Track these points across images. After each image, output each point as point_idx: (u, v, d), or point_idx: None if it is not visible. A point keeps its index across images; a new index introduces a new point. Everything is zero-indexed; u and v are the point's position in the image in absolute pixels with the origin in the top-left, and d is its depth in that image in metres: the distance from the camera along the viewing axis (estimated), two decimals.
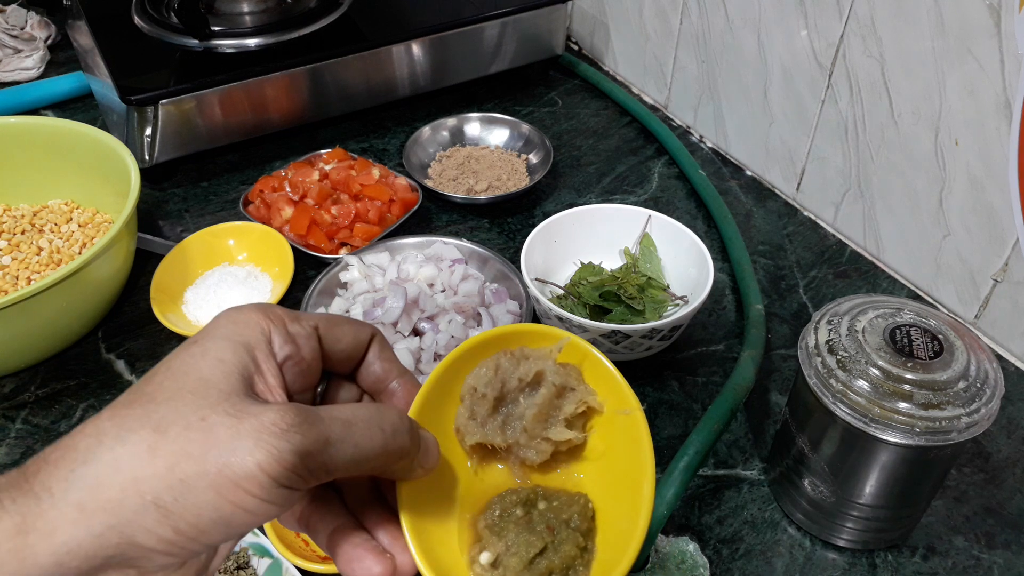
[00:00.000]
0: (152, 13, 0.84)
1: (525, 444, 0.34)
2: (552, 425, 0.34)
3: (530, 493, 0.34)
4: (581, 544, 0.32)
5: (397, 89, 0.88)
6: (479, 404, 0.34)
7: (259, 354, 0.28)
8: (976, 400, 0.43)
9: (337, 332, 0.32)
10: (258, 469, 0.24)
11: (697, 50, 0.87)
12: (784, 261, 0.75)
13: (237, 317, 0.29)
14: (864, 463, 0.46)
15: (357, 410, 0.28)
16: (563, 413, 0.34)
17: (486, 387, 0.34)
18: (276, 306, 0.31)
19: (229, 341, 0.28)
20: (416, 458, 0.30)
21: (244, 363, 0.27)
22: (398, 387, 0.34)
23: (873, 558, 0.51)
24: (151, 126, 0.76)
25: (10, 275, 0.66)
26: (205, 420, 0.25)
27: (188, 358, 0.27)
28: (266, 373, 0.28)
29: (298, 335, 0.30)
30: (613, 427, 0.34)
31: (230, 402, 0.25)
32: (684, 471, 0.49)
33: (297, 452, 0.25)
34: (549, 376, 0.34)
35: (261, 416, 0.25)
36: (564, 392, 0.34)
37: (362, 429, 0.27)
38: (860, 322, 0.46)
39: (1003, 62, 0.57)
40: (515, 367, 0.34)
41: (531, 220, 0.78)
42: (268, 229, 0.71)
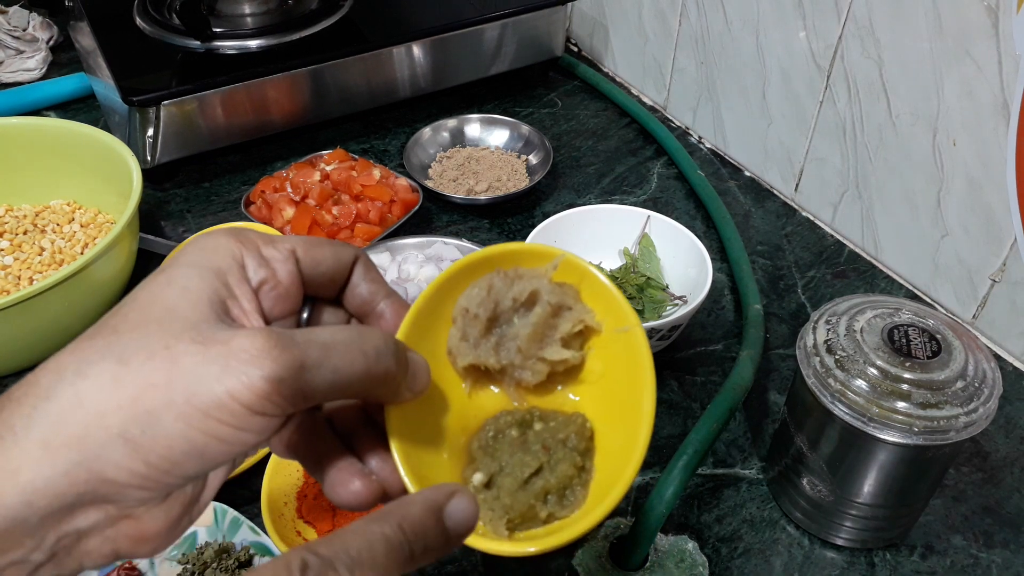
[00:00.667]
0: (154, 14, 0.85)
1: (520, 365, 0.33)
2: (548, 345, 0.33)
3: (526, 414, 0.33)
4: (579, 464, 0.31)
5: (398, 90, 0.88)
6: (471, 325, 0.33)
7: (231, 279, 0.27)
8: (974, 400, 0.43)
9: (316, 254, 0.30)
10: (228, 397, 0.23)
11: (696, 51, 0.88)
12: (782, 261, 0.75)
13: (206, 243, 0.28)
14: (862, 462, 0.46)
15: (337, 332, 0.26)
16: (559, 332, 0.33)
17: (478, 307, 0.32)
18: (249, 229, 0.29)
19: (197, 268, 0.26)
20: (403, 381, 0.28)
21: (214, 289, 0.26)
22: (386, 308, 0.32)
23: (871, 557, 0.52)
24: (153, 127, 0.76)
25: (12, 275, 0.66)
26: (169, 348, 0.24)
27: (154, 287, 0.26)
28: (240, 298, 0.27)
29: (273, 258, 0.29)
30: (612, 346, 0.33)
31: (197, 330, 0.24)
32: (683, 470, 0.49)
33: (269, 378, 0.23)
34: (544, 295, 0.33)
35: (229, 342, 0.24)
36: (560, 311, 0.33)
37: (342, 352, 0.25)
38: (858, 322, 0.46)
39: (1001, 63, 0.58)
40: (509, 287, 0.33)
41: (531, 220, 0.78)
42: (269, 229, 0.71)
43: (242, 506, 0.52)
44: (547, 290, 0.33)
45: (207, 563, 0.48)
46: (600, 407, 0.34)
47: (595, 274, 0.33)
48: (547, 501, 0.31)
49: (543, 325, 0.33)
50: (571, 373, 0.34)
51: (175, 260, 0.27)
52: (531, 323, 0.33)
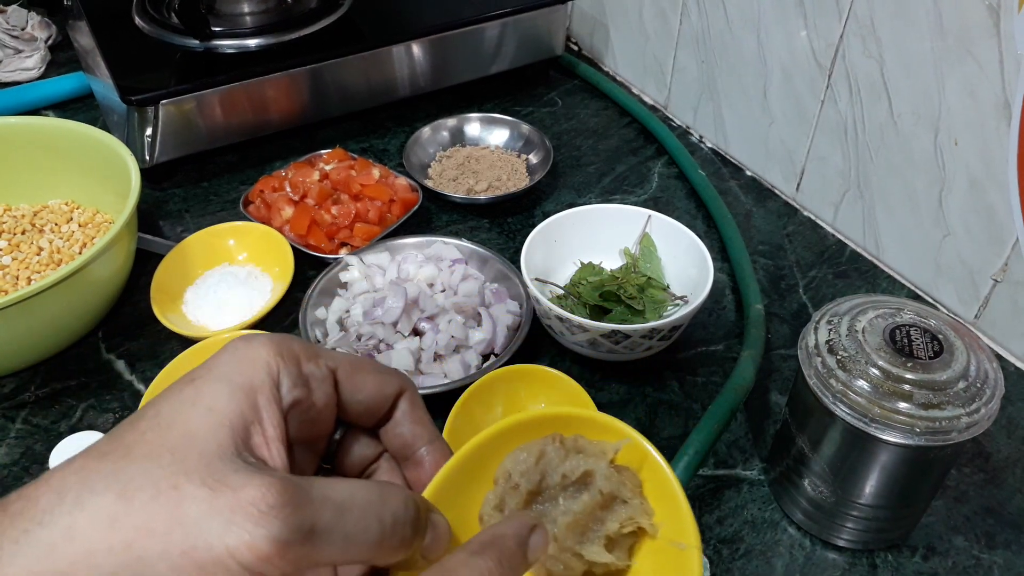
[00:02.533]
0: (153, 13, 0.84)
1: (553, 555, 0.29)
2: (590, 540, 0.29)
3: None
4: None
5: (397, 89, 0.88)
6: (511, 495, 0.29)
7: (261, 399, 0.25)
8: (976, 400, 0.43)
9: (359, 380, 0.28)
10: (227, 554, 0.22)
11: (697, 50, 0.87)
12: (784, 261, 0.75)
13: (244, 353, 0.26)
14: (864, 463, 0.46)
15: (356, 491, 0.24)
16: (606, 529, 0.29)
17: (522, 476, 0.29)
18: (294, 338, 0.27)
19: (227, 383, 0.25)
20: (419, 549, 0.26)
21: (239, 412, 0.24)
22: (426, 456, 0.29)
23: (873, 558, 0.51)
24: (151, 126, 0.76)
25: (10, 275, 0.66)
26: (177, 489, 0.22)
27: (178, 404, 0.24)
28: (266, 423, 0.25)
29: (312, 376, 0.27)
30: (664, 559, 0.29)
31: (210, 468, 0.23)
32: (684, 471, 0.49)
33: (275, 540, 0.22)
34: (599, 479, 0.28)
35: (240, 491, 0.22)
36: (613, 503, 0.29)
37: (357, 517, 0.24)
38: (860, 322, 0.46)
39: (1002, 62, 0.57)
40: (562, 460, 0.29)
41: (531, 220, 0.78)
42: (268, 229, 0.71)
43: None
44: (603, 474, 0.29)
45: None
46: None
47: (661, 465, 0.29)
48: None
49: (589, 515, 0.29)
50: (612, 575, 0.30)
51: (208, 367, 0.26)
52: (575, 510, 0.29)
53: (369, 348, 0.61)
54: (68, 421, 0.59)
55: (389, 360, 0.60)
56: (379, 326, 0.61)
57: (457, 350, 0.61)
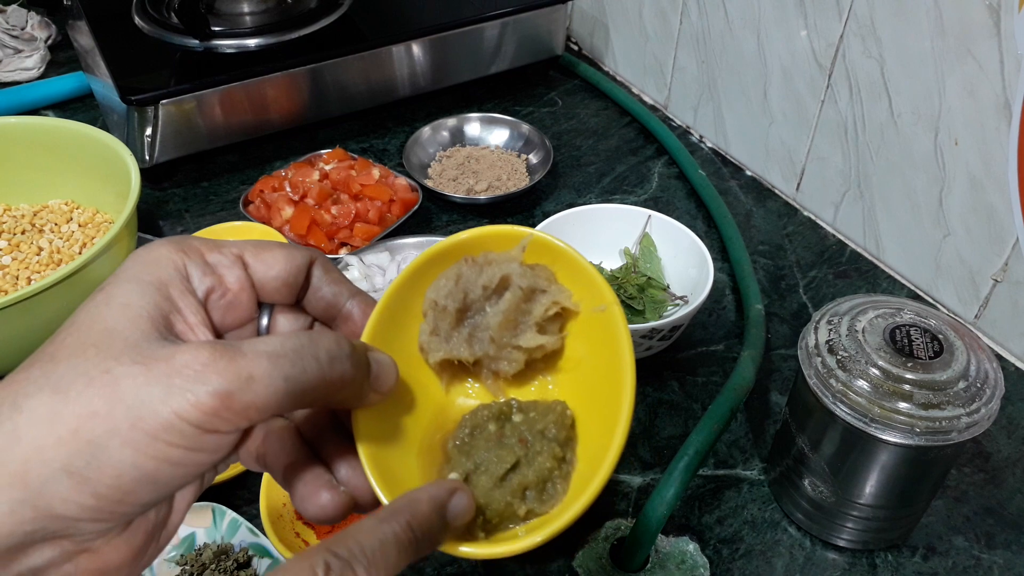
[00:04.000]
0: (152, 13, 0.84)
1: (495, 355, 0.31)
2: (523, 331, 0.31)
3: (503, 407, 0.31)
4: (559, 455, 0.30)
5: (397, 89, 0.88)
6: (441, 318, 0.31)
7: (174, 291, 0.26)
8: (976, 400, 0.43)
9: (267, 257, 0.28)
10: (175, 417, 0.22)
11: (697, 50, 0.87)
12: (784, 261, 0.75)
13: (146, 256, 0.26)
14: (864, 463, 0.46)
15: (286, 341, 0.24)
16: (533, 317, 0.31)
17: (447, 299, 0.31)
18: (193, 237, 0.28)
19: (136, 283, 0.25)
20: (366, 383, 0.27)
21: (155, 303, 0.25)
22: (353, 308, 0.30)
23: (873, 558, 0.51)
24: (151, 126, 0.76)
25: (10, 275, 0.66)
26: (109, 372, 0.22)
27: (92, 308, 0.25)
28: (184, 311, 0.26)
29: (219, 264, 0.27)
30: (591, 327, 0.31)
31: (137, 349, 0.23)
32: (684, 471, 0.49)
33: (216, 393, 0.22)
34: (515, 279, 0.31)
35: (171, 360, 0.22)
36: (534, 295, 0.31)
37: (292, 360, 0.24)
38: (860, 322, 0.46)
39: (1003, 62, 0.57)
40: (478, 274, 0.31)
41: (531, 220, 0.78)
42: (268, 229, 0.71)
43: (241, 507, 0.52)
44: (518, 273, 0.31)
45: (206, 564, 0.48)
46: (582, 392, 0.32)
47: (568, 251, 0.31)
48: (526, 497, 0.29)
49: (515, 311, 0.31)
50: (551, 359, 0.33)
51: (115, 276, 0.26)
52: (502, 310, 0.31)
53: None
54: None
55: None
56: None
57: None
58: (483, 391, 0.33)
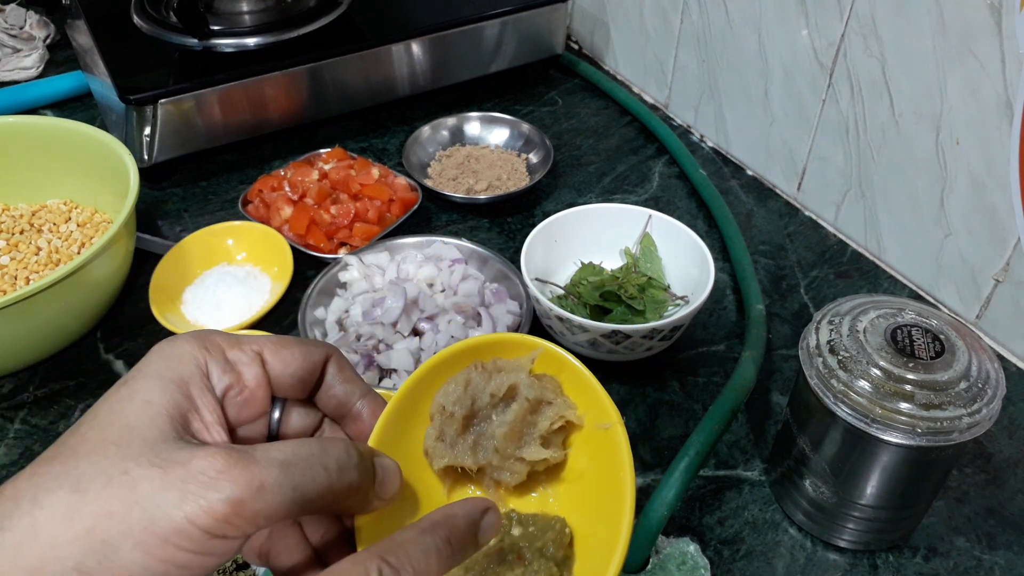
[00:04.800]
0: (151, 12, 0.84)
1: (498, 465, 0.32)
2: (527, 444, 0.32)
3: (504, 519, 0.32)
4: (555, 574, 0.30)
5: (397, 88, 0.88)
6: (448, 424, 0.32)
7: (193, 389, 0.27)
8: (977, 400, 0.43)
9: (285, 355, 0.29)
10: (187, 522, 0.23)
11: (698, 49, 0.87)
12: (785, 261, 0.75)
13: (169, 351, 0.27)
14: (865, 464, 0.46)
15: (298, 448, 0.26)
16: (538, 430, 0.32)
17: (455, 405, 0.31)
18: (215, 332, 0.29)
19: (159, 379, 0.26)
20: (371, 490, 0.28)
21: (175, 402, 0.26)
22: (363, 408, 0.31)
23: (874, 559, 0.51)
24: (150, 125, 0.76)
25: (9, 275, 0.66)
26: (128, 474, 0.23)
27: (115, 403, 0.26)
28: (202, 409, 0.27)
29: (239, 361, 0.28)
30: (593, 443, 0.32)
31: (155, 451, 0.24)
32: (685, 472, 0.49)
33: (228, 501, 0.23)
34: (523, 389, 0.31)
35: (188, 464, 0.24)
36: (540, 407, 0.32)
37: (302, 469, 0.25)
38: (861, 322, 0.46)
39: (1004, 61, 0.57)
40: (487, 381, 0.32)
41: (531, 220, 0.78)
42: (267, 229, 0.71)
43: None
44: (526, 384, 0.32)
45: None
46: (581, 508, 0.32)
47: (576, 365, 0.32)
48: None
49: (521, 422, 0.32)
50: (553, 471, 0.33)
51: (138, 369, 0.27)
52: (508, 421, 0.32)
53: (368, 348, 0.61)
54: (67, 421, 0.59)
55: (389, 361, 0.60)
56: (378, 326, 0.61)
57: None
58: None
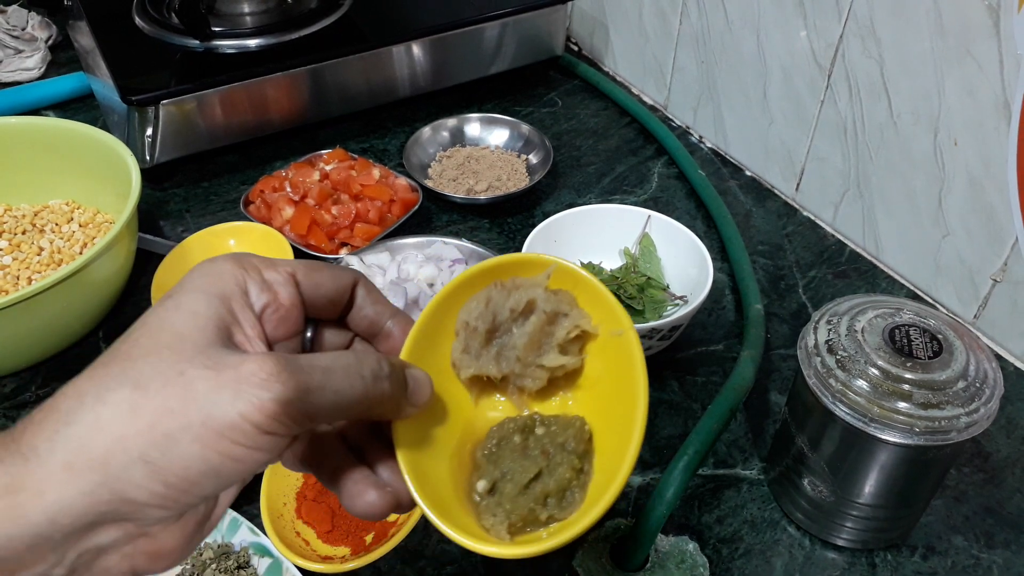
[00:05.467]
0: (153, 14, 0.84)
1: (520, 373, 0.34)
2: (546, 352, 0.34)
3: (528, 420, 0.34)
4: (577, 466, 0.32)
5: (397, 89, 0.88)
6: (472, 337, 0.34)
7: (235, 304, 0.28)
8: (975, 400, 0.43)
9: (316, 277, 0.31)
10: (240, 418, 0.24)
11: (696, 51, 0.87)
12: (783, 261, 0.75)
13: (210, 269, 0.29)
14: (863, 463, 0.46)
15: (337, 358, 0.28)
16: (556, 339, 0.34)
17: (477, 320, 0.34)
18: (251, 254, 0.30)
19: (203, 293, 0.28)
20: (404, 398, 0.30)
21: (219, 314, 0.27)
22: (393, 327, 0.34)
23: (873, 558, 0.52)
24: (152, 126, 0.76)
25: (11, 275, 0.66)
26: (184, 375, 0.25)
27: (163, 312, 0.27)
28: (243, 323, 0.28)
29: (275, 282, 0.30)
30: (608, 349, 0.34)
31: (207, 355, 0.26)
32: (683, 471, 0.49)
33: (277, 400, 0.25)
34: (540, 303, 0.34)
35: (240, 367, 0.25)
36: (556, 318, 0.34)
37: (341, 376, 0.27)
38: (859, 322, 0.46)
39: (1002, 62, 0.57)
40: (506, 298, 0.34)
41: (531, 220, 0.78)
42: (269, 229, 0.71)
43: (241, 506, 0.52)
44: (543, 298, 0.34)
45: (206, 563, 0.48)
46: (598, 409, 0.34)
47: (589, 279, 0.34)
48: (547, 504, 0.32)
49: (539, 333, 0.34)
50: (572, 377, 0.35)
51: (181, 285, 0.28)
52: (527, 332, 0.34)
53: None
54: None
55: None
56: None
57: None
58: (509, 404, 0.36)
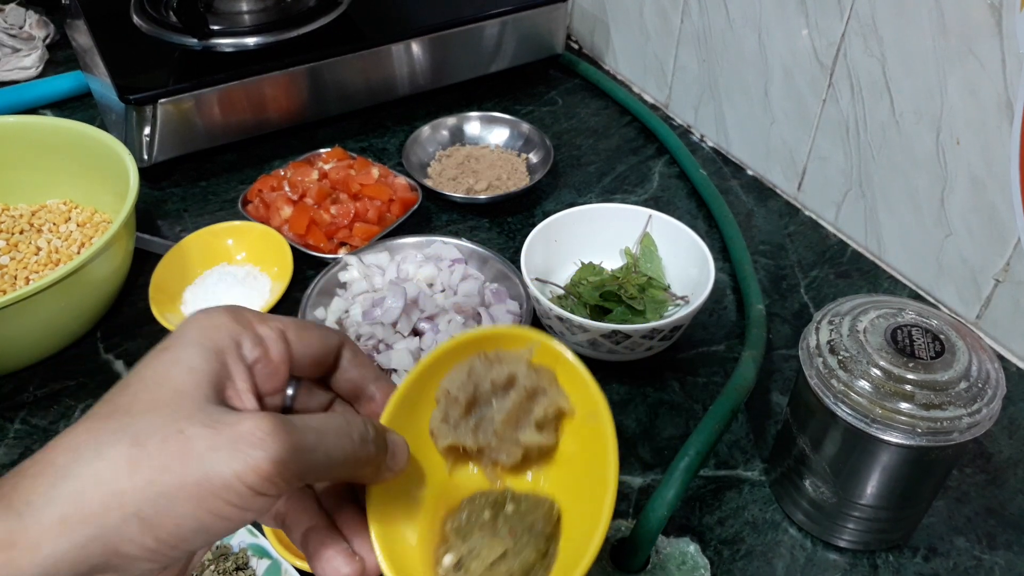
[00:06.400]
0: (151, 12, 0.84)
1: (496, 447, 0.35)
2: (523, 428, 0.35)
3: (499, 496, 0.35)
4: (542, 550, 0.33)
5: (396, 88, 0.88)
6: (452, 407, 0.35)
7: (230, 359, 0.29)
8: (978, 400, 0.43)
9: (305, 336, 0.32)
10: (236, 479, 0.25)
11: (698, 49, 0.87)
12: (785, 261, 0.75)
13: (207, 322, 0.30)
14: (865, 464, 0.46)
15: (329, 420, 0.29)
16: (533, 416, 0.35)
17: (459, 390, 0.34)
18: (244, 308, 0.31)
19: (200, 347, 0.28)
20: (383, 462, 0.31)
21: (215, 370, 0.28)
22: (376, 391, 0.35)
23: (874, 559, 0.51)
24: (150, 125, 0.76)
25: (8, 275, 0.66)
26: (182, 432, 0.26)
27: (160, 367, 0.28)
28: (236, 378, 0.29)
29: (267, 337, 0.31)
30: (583, 429, 0.35)
31: (205, 412, 0.26)
32: (685, 472, 0.49)
33: (273, 460, 0.25)
34: (521, 379, 0.34)
35: (237, 426, 0.26)
36: (536, 395, 0.35)
37: (332, 438, 0.28)
38: (861, 322, 0.46)
39: (1004, 61, 0.57)
40: (488, 370, 0.35)
41: (531, 220, 0.78)
42: (267, 229, 0.71)
43: None
44: (524, 374, 0.35)
45: (205, 565, 0.48)
46: (569, 488, 0.35)
47: (569, 359, 0.34)
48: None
49: (518, 409, 0.35)
50: (546, 454, 0.36)
51: (180, 336, 0.29)
52: (506, 408, 0.34)
53: (368, 348, 0.61)
54: (67, 421, 0.59)
55: (389, 361, 0.60)
56: (378, 326, 0.61)
57: None
58: (482, 477, 0.36)
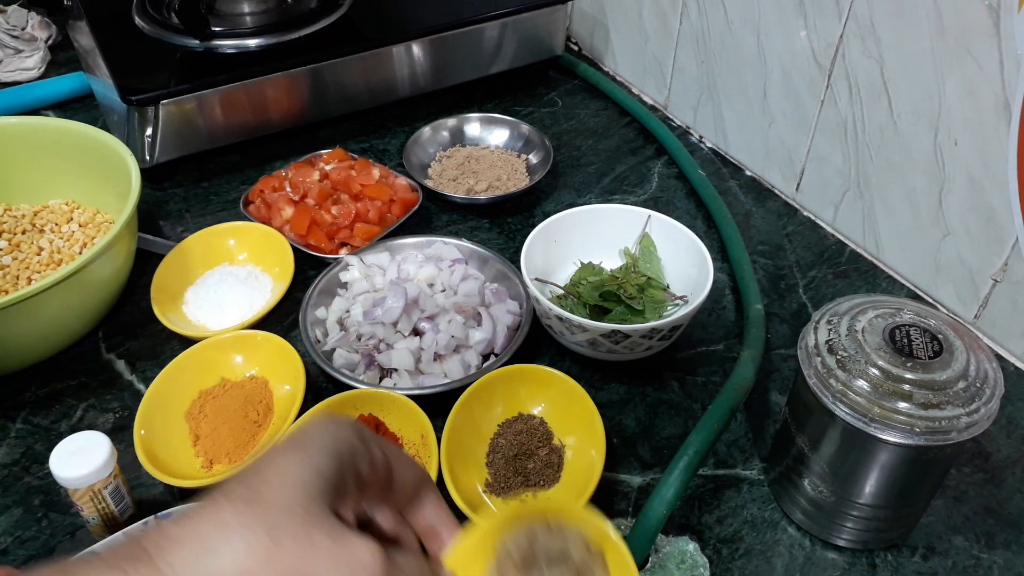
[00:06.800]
0: (153, 13, 0.84)
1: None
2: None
3: None
4: None
5: (397, 89, 0.88)
6: (506, 564, 0.37)
7: (349, 475, 0.31)
8: (976, 400, 0.43)
9: (406, 473, 0.35)
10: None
11: (697, 50, 0.87)
12: (784, 261, 0.75)
13: (337, 432, 0.32)
14: (864, 463, 0.46)
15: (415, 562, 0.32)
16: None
17: (515, 549, 0.37)
18: (365, 428, 0.33)
19: (330, 456, 0.31)
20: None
21: (339, 482, 0.31)
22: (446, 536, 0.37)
23: (873, 558, 0.51)
24: (152, 126, 0.76)
25: (11, 275, 0.66)
26: (311, 538, 0.28)
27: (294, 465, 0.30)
28: (347, 494, 0.31)
29: (378, 462, 0.33)
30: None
31: (330, 523, 0.29)
32: (684, 471, 0.49)
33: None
34: (574, 556, 0.37)
35: (355, 549, 0.29)
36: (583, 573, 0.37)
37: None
38: (860, 322, 0.46)
39: (1002, 62, 0.57)
40: (547, 537, 0.37)
41: (531, 220, 0.78)
42: (268, 229, 0.71)
43: None
44: (577, 551, 0.37)
45: None
46: None
47: (620, 547, 0.37)
48: None
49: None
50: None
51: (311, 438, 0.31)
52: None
53: (369, 348, 0.61)
54: (68, 421, 0.59)
55: (389, 360, 0.60)
56: (379, 326, 0.61)
57: (457, 350, 0.61)
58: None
